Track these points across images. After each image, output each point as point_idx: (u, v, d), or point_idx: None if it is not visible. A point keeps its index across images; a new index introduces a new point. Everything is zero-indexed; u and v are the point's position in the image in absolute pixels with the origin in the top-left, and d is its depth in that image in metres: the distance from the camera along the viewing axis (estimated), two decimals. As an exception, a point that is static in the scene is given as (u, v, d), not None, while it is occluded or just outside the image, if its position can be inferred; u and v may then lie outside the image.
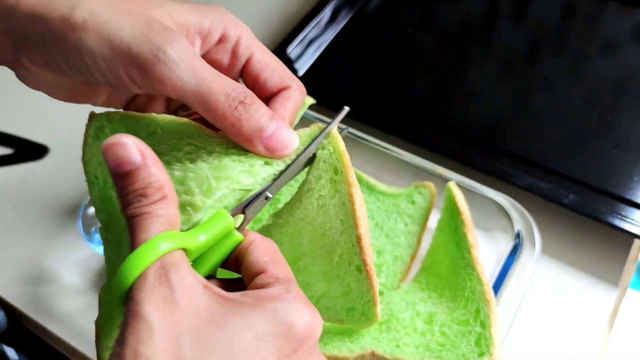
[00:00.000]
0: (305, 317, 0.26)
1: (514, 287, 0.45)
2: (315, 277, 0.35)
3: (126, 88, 0.30)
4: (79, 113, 0.68)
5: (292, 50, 0.64)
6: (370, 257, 0.32)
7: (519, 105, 0.62)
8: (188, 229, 0.29)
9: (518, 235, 0.48)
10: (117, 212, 0.33)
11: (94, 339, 0.48)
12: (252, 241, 0.29)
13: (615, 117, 0.60)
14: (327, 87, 0.62)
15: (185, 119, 0.32)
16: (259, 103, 0.31)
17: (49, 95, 0.34)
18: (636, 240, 0.53)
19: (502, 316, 0.43)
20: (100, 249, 0.48)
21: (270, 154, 0.31)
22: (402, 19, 0.71)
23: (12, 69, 0.33)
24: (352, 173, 0.32)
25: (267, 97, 0.34)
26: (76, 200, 0.57)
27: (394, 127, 0.58)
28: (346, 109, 0.34)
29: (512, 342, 0.47)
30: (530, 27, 0.71)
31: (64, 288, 0.51)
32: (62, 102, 0.35)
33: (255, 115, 0.30)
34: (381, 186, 0.51)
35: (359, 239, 0.32)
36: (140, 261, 0.24)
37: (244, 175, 0.31)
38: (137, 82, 0.29)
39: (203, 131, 0.32)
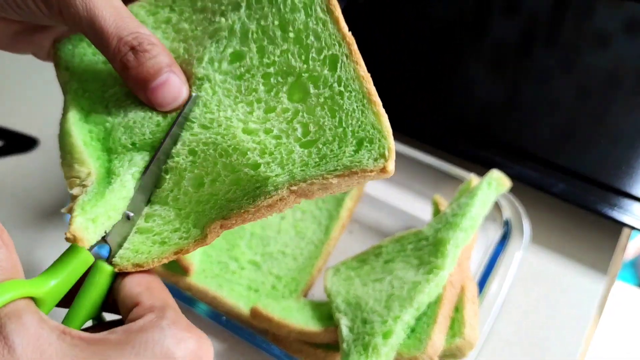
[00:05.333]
0: (185, 342, 0.24)
1: (502, 275, 0.45)
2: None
3: (35, 17, 0.30)
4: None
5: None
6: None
7: (511, 96, 0.62)
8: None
9: (507, 224, 0.48)
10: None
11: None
12: (126, 274, 0.28)
13: (605, 108, 0.60)
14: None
15: None
16: (156, 51, 0.29)
17: None
18: (625, 229, 0.53)
19: (490, 304, 0.43)
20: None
21: (153, 106, 0.30)
22: (394, 13, 0.71)
23: None
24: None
25: None
26: (65, 193, 0.57)
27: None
28: (193, 95, 0.31)
29: (500, 330, 0.47)
30: (523, 20, 0.71)
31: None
32: (52, 95, 0.35)
33: (147, 63, 0.29)
34: None
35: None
36: None
37: None
38: (43, 11, 0.29)
39: None
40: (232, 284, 0.48)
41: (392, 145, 0.26)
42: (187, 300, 0.45)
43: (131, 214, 0.29)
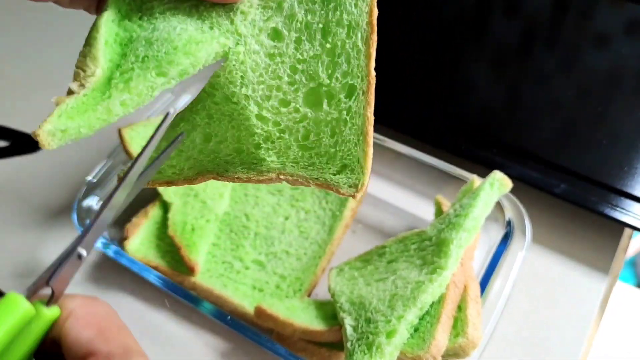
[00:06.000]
0: None
1: (505, 275, 0.45)
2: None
3: None
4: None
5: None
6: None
7: (512, 96, 0.63)
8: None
9: (509, 224, 0.48)
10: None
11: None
12: (69, 314, 0.23)
13: (606, 108, 0.61)
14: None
15: None
16: None
17: None
18: (626, 229, 0.53)
19: (492, 303, 0.43)
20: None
21: None
22: (394, 13, 0.72)
23: None
24: None
25: None
26: (71, 193, 0.58)
27: (385, 119, 0.58)
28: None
29: (502, 329, 0.47)
30: (523, 20, 0.71)
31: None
32: (58, 95, 0.35)
33: None
34: None
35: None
36: None
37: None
38: None
39: None
40: (236, 283, 0.48)
41: (367, 181, 0.29)
42: (192, 299, 0.46)
43: (84, 254, 0.26)
